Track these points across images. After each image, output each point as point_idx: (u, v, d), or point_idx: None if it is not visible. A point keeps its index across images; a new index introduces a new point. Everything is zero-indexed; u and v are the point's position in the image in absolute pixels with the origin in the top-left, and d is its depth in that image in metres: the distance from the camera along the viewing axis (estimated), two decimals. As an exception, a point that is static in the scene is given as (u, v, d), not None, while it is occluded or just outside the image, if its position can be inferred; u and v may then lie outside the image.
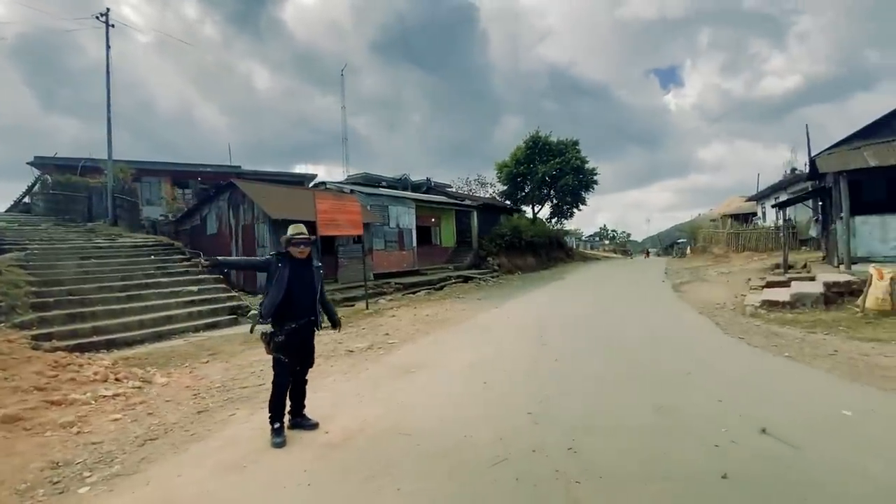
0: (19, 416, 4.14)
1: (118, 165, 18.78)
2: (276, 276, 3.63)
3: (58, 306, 7.63)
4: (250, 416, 4.32)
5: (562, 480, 2.85)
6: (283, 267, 3.68)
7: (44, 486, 3.08)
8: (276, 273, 3.65)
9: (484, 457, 3.22)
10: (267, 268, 3.76)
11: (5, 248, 10.23)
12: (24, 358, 5.48)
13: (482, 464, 3.12)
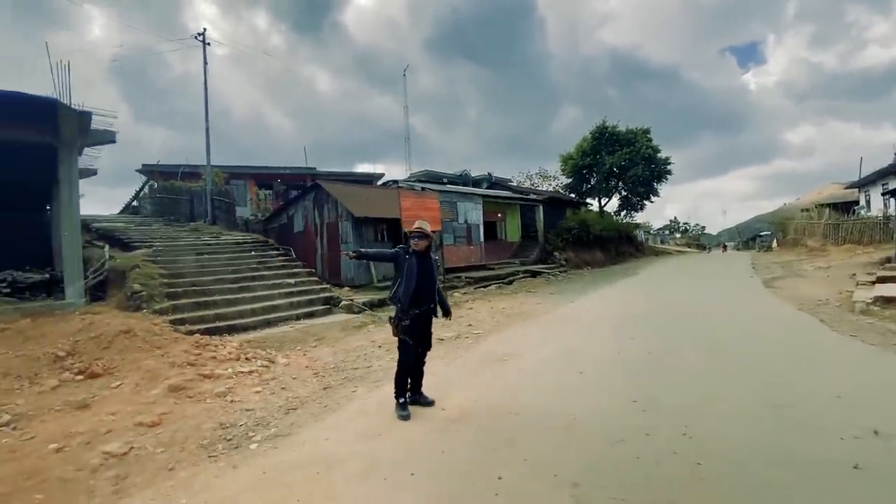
0: (182, 386, 4.94)
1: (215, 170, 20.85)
2: (405, 267, 4.03)
3: (185, 295, 8.77)
4: (369, 393, 4.81)
5: (683, 460, 2.98)
6: (409, 259, 4.08)
7: (220, 443, 3.70)
8: (405, 264, 4.05)
9: (600, 437, 3.41)
10: (395, 259, 4.19)
11: (133, 245, 11.84)
12: (172, 339, 6.44)
13: (600, 442, 3.32)
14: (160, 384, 4.92)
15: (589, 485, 2.74)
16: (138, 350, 5.81)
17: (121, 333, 6.06)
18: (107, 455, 3.41)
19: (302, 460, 3.30)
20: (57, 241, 10.69)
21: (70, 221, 8.65)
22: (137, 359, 5.58)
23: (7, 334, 6.42)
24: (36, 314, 7.35)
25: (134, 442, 3.63)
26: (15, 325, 6.78)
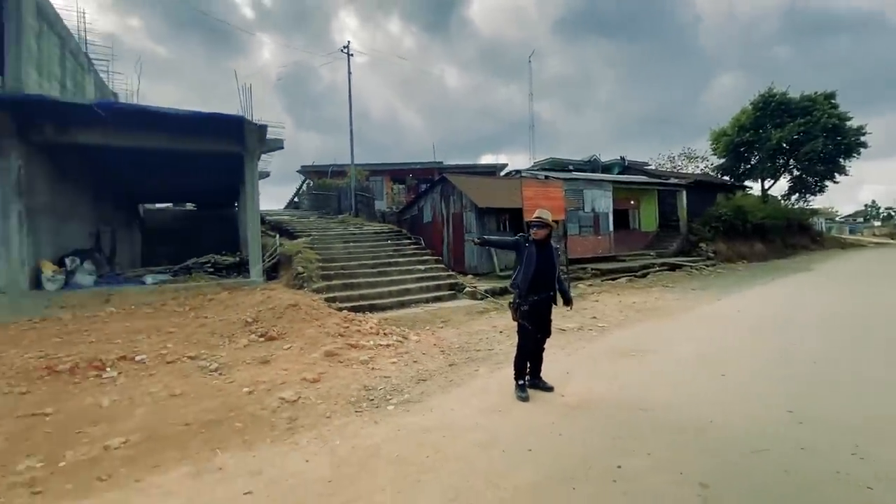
0: (335, 352, 5.82)
1: (357, 169, 23.42)
2: (525, 255, 4.16)
3: (336, 277, 10.16)
4: (490, 373, 5.06)
5: (848, 482, 2.57)
6: (529, 247, 4.20)
7: (364, 402, 4.32)
8: (525, 252, 4.17)
9: (739, 443, 3.11)
10: (515, 247, 4.34)
11: (296, 234, 14.04)
12: (327, 313, 7.57)
13: (738, 449, 3.03)
14: (319, 349, 5.88)
15: (720, 487, 2.55)
16: (302, 321, 6.99)
17: (290, 306, 7.36)
18: (282, 400, 4.27)
19: (431, 424, 3.69)
20: (243, 232, 13.23)
21: (252, 215, 10.67)
22: (302, 328, 6.73)
23: (213, 303, 8.29)
24: (231, 288, 9.31)
25: (301, 392, 4.46)
26: (218, 296, 8.71)
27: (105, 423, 3.80)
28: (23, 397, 4.38)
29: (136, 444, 3.44)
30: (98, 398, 4.33)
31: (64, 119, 8.68)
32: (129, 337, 6.41)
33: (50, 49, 10.05)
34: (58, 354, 5.45)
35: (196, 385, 4.72)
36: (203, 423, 3.81)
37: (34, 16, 9.11)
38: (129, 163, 11.69)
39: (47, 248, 9.43)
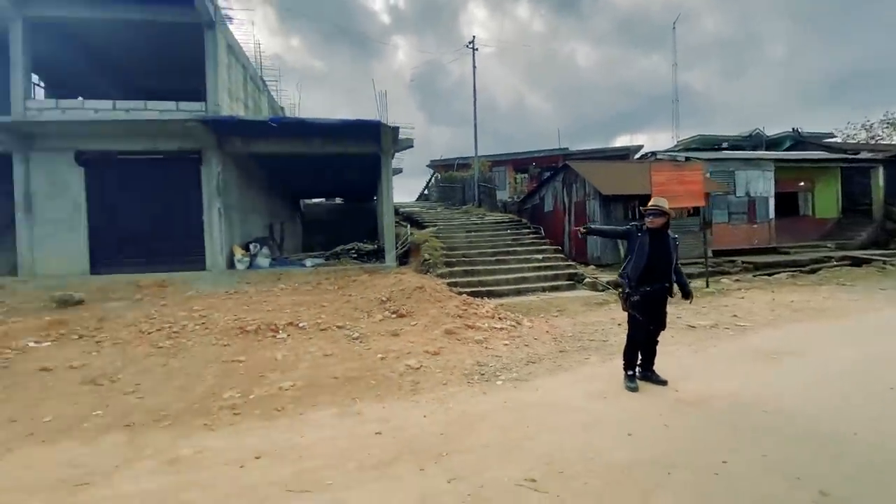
0: (453, 331, 6.38)
1: (480, 160, 24.10)
2: (637, 244, 4.09)
3: (458, 264, 10.86)
4: (602, 363, 5.06)
5: None
6: (641, 236, 4.11)
7: (476, 375, 4.75)
8: (636, 241, 4.10)
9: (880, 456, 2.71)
10: (627, 236, 4.28)
11: (425, 224, 15.20)
12: (448, 296, 8.23)
13: (879, 461, 2.65)
14: (440, 327, 6.51)
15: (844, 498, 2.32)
16: (427, 301, 7.75)
17: (417, 289, 8.20)
18: (408, 366, 4.94)
19: (535, 401, 3.94)
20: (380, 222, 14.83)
21: (387, 208, 11.95)
22: (426, 308, 7.48)
23: (356, 283, 9.62)
24: (370, 271, 10.64)
25: (423, 362, 5.09)
26: (359, 277, 10.06)
27: (279, 371, 4.90)
28: (225, 348, 5.83)
29: (300, 388, 4.41)
30: (274, 353, 5.55)
31: (247, 133, 10.88)
32: (293, 308, 7.90)
33: (236, 77, 12.58)
34: (246, 318, 7.04)
35: (342, 349, 5.71)
36: (347, 378, 4.66)
37: (225, 52, 11.52)
38: (292, 166, 14.00)
39: (237, 236, 11.95)
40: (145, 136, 10.46)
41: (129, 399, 4.23)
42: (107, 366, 5.14)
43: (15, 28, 10.33)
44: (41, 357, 5.46)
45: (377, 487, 2.64)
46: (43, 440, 3.47)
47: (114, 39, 11.82)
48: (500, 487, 2.56)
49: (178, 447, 3.25)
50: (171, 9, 10.40)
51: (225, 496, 2.60)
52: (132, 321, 6.98)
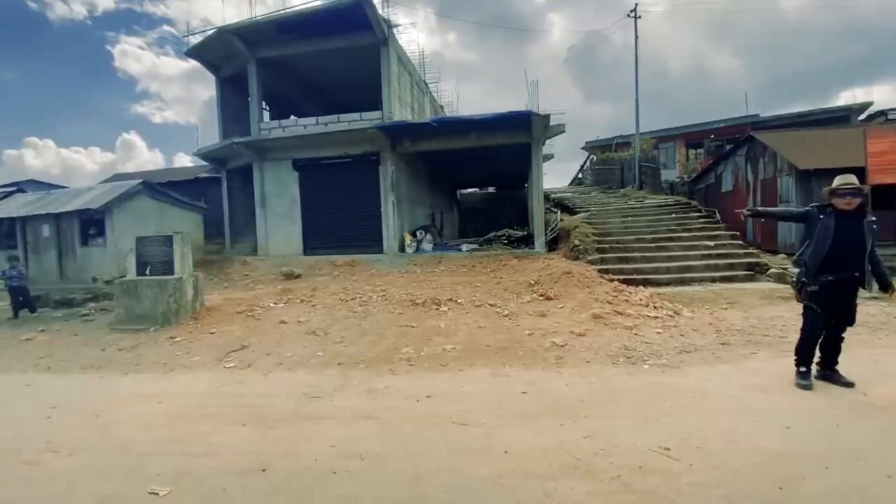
0: (601, 315, 6.46)
1: (643, 138, 22.22)
2: (818, 228, 3.64)
3: (610, 251, 10.56)
4: (772, 358, 4.61)
5: None
6: (825, 219, 3.63)
7: (622, 357, 4.84)
8: (818, 225, 3.65)
9: None
10: (805, 219, 3.84)
11: (576, 210, 14.96)
12: (598, 282, 8.21)
13: None
14: (587, 311, 6.66)
15: None
16: (574, 286, 7.91)
17: (564, 273, 8.40)
18: (552, 343, 5.30)
19: (681, 386, 3.92)
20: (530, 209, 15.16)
21: (536, 195, 12.24)
22: (574, 292, 7.65)
23: (506, 267, 10.24)
24: (520, 257, 11.15)
25: (568, 341, 5.39)
26: (510, 262, 10.66)
27: (442, 336, 5.80)
28: (399, 316, 7.04)
29: (459, 350, 5.19)
30: (437, 322, 6.52)
31: (414, 134, 12.38)
32: (452, 287, 8.92)
33: (404, 84, 14.29)
34: (415, 293, 8.28)
35: (493, 323, 6.37)
36: (497, 347, 5.27)
37: (396, 63, 13.21)
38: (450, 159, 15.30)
39: (406, 224, 13.74)
40: (338, 143, 12.81)
41: (337, 347, 5.61)
42: (321, 322, 6.80)
43: (251, 67, 13.70)
44: (279, 314, 7.47)
45: (521, 430, 3.15)
46: (288, 368, 4.95)
47: (314, 66, 14.66)
48: (632, 448, 2.80)
49: (373, 382, 4.31)
50: (354, 34, 12.43)
51: (406, 417, 3.44)
52: (334, 291, 8.87)
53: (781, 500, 2.25)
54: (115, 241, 12.02)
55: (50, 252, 12.64)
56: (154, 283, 7.18)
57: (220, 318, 7.29)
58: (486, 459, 2.77)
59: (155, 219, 13.02)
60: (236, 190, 15.38)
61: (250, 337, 6.23)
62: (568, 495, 2.36)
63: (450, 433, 3.17)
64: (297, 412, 3.67)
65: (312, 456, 2.89)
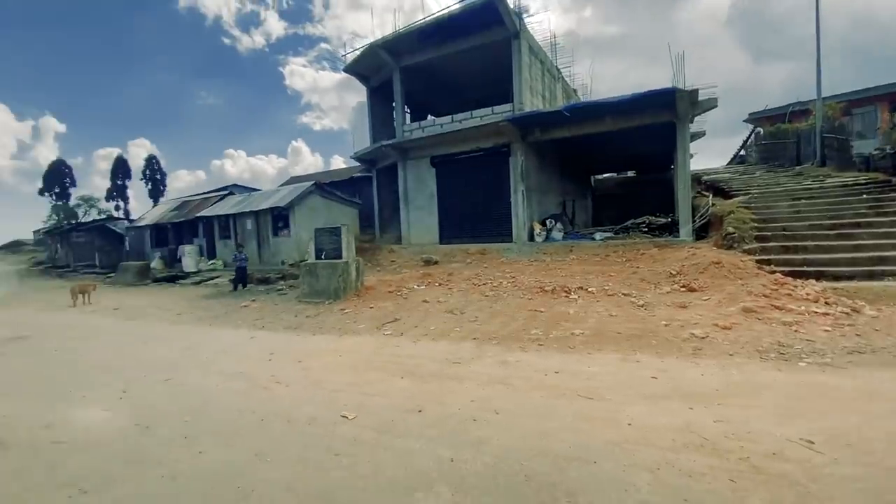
0: (753, 309, 5.89)
1: (827, 104, 18.34)
2: None
3: (773, 239, 9.23)
4: None
5: None
6: None
7: (773, 353, 4.47)
8: None
9: None
10: None
11: (732, 193, 13.25)
12: (753, 274, 7.39)
13: None
14: (736, 304, 6.13)
15: None
16: (723, 278, 7.26)
17: (712, 264, 7.74)
18: (692, 335, 5.11)
19: (843, 386, 3.54)
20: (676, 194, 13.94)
21: (683, 178, 11.26)
22: (722, 284, 7.05)
23: (644, 257, 9.76)
24: (661, 245, 10.47)
25: (709, 333, 5.13)
26: (649, 251, 10.11)
27: (571, 322, 6.01)
28: (529, 301, 7.41)
29: (588, 336, 5.37)
30: (566, 308, 6.72)
31: (544, 123, 12.43)
32: (583, 275, 8.93)
33: (535, 73, 14.34)
34: (544, 281, 8.53)
35: (626, 312, 6.32)
36: (629, 335, 5.30)
37: (527, 54, 13.34)
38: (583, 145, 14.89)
39: (535, 213, 13.90)
40: (471, 138, 13.56)
41: (472, 325, 6.26)
42: (456, 303, 7.56)
43: (395, 76, 15.23)
44: (421, 295, 8.48)
45: (647, 408, 3.29)
46: (432, 338, 5.75)
47: (449, 66, 15.62)
48: (768, 437, 2.76)
49: (504, 356, 4.81)
50: (486, 31, 12.95)
51: (535, 386, 3.85)
52: (468, 277, 9.64)
53: (949, 505, 2.07)
54: (296, 231, 14.76)
55: (252, 241, 16.10)
56: (328, 265, 8.81)
57: (375, 296, 8.60)
58: (609, 428, 3.03)
59: (323, 213, 15.56)
60: (384, 187, 17.36)
61: (400, 312, 7.29)
62: (689, 465, 2.51)
63: (575, 404, 3.48)
64: (441, 372, 4.36)
65: (456, 406, 3.50)
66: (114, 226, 23.66)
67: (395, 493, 2.40)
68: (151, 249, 20.29)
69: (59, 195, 42.94)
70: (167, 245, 19.45)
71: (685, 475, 2.43)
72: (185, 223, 18.92)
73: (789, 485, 2.29)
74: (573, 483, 2.40)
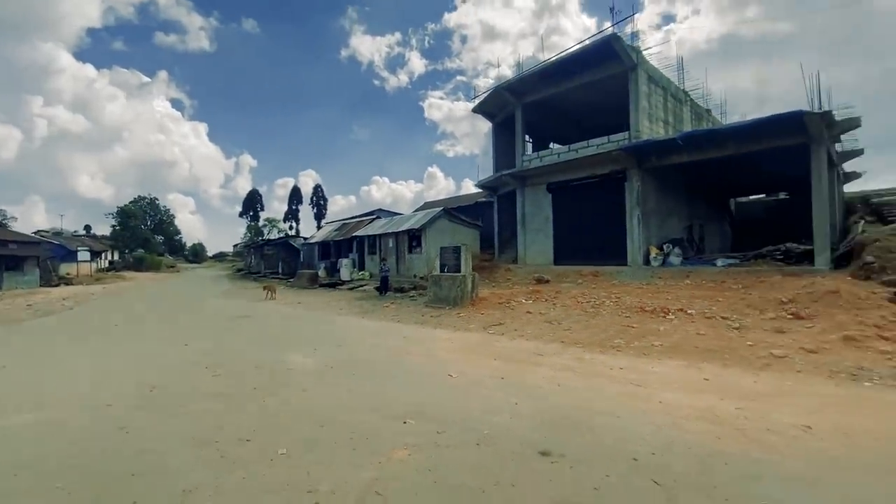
0: (854, 337, 5.85)
1: None
2: None
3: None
4: None
5: None
6: None
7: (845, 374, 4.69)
8: None
9: None
10: None
11: (889, 219, 11.60)
12: (874, 305, 6.99)
13: None
14: (839, 332, 6.09)
15: None
16: (838, 307, 7.02)
17: (828, 293, 7.45)
18: (771, 354, 5.47)
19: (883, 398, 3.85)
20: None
21: (818, 203, 10.48)
22: (834, 313, 6.86)
23: (762, 284, 9.48)
24: (786, 273, 9.95)
25: (789, 354, 5.42)
26: (770, 279, 9.74)
27: (656, 337, 6.68)
28: (626, 318, 8.10)
29: (666, 348, 6.07)
30: (658, 326, 7.32)
31: (661, 150, 12.69)
32: (689, 299, 9.15)
33: (655, 100, 14.57)
34: (647, 302, 9.04)
35: (716, 333, 6.72)
36: (705, 349, 5.86)
37: (645, 83, 13.76)
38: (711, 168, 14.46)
39: (653, 237, 13.96)
40: (587, 166, 14.40)
41: (565, 332, 7.33)
42: (556, 316, 8.64)
43: (517, 112, 16.86)
44: (527, 307, 9.71)
45: (681, 396, 4.13)
46: (526, 339, 7.01)
47: (568, 99, 16.70)
48: (774, 422, 3.45)
49: (582, 355, 5.87)
50: (603, 66, 13.82)
51: (597, 374, 4.90)
52: (574, 295, 10.55)
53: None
54: (427, 249, 17.23)
55: (392, 256, 19.12)
56: (449, 277, 10.67)
57: (487, 306, 10.13)
58: (642, 402, 4.01)
59: (449, 234, 17.81)
60: (504, 211, 18.99)
61: (505, 319, 8.68)
62: (690, 427, 3.43)
63: (624, 387, 4.47)
64: (526, 359, 5.65)
65: (530, 379, 4.79)
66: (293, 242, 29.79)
67: (475, 413, 3.83)
68: (318, 261, 25.15)
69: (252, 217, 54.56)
70: (329, 258, 23.97)
71: (683, 431, 3.36)
72: (343, 241, 23.15)
73: (763, 443, 3.09)
74: (596, 425, 3.53)
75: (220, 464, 2.91)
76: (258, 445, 3.19)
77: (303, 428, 3.50)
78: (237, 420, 3.71)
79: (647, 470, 2.73)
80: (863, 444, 3.03)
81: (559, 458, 2.92)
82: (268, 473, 2.76)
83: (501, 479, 2.65)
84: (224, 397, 4.36)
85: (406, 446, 3.12)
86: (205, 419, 3.74)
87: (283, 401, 4.21)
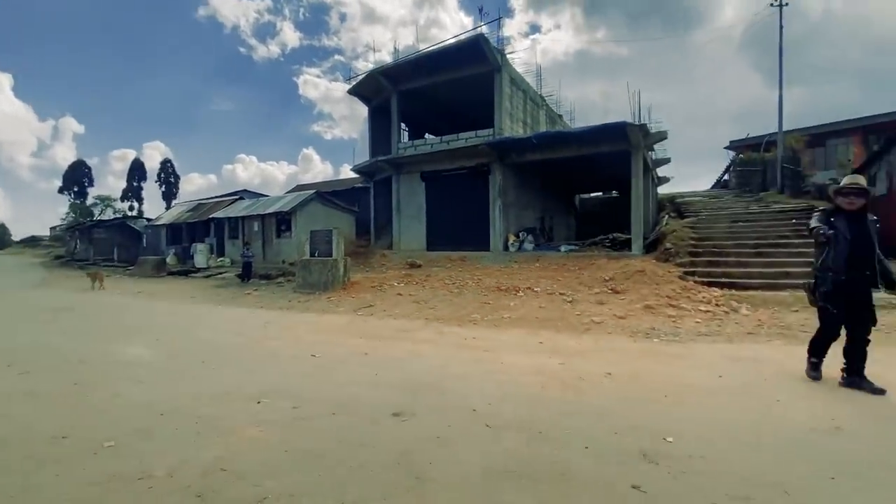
0: (652, 306, 7.39)
1: (791, 136, 19.96)
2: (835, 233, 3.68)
3: (703, 255, 10.71)
4: (783, 346, 5.26)
5: None
6: (834, 221, 3.73)
7: (641, 333, 5.94)
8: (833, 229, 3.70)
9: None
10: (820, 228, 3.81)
11: (686, 214, 14.77)
12: (668, 281, 8.88)
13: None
14: (641, 302, 7.62)
15: None
16: (643, 283, 8.75)
17: (637, 272, 9.24)
18: (591, 321, 6.61)
19: (676, 353, 5.02)
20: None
21: (635, 200, 12.80)
22: (640, 288, 8.54)
23: (592, 266, 11.26)
24: (612, 258, 11.98)
25: (605, 320, 6.63)
26: (598, 262, 11.62)
27: (506, 311, 7.52)
28: (484, 296, 8.91)
29: (513, 319, 6.88)
30: (510, 302, 8.23)
31: (519, 148, 14.06)
32: (537, 279, 10.43)
33: (516, 102, 16.03)
34: (502, 282, 10.05)
35: (554, 306, 7.82)
36: (544, 319, 6.81)
37: (508, 85, 15.05)
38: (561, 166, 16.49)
39: (512, 226, 15.45)
40: (457, 157, 15.21)
41: (430, 311, 7.78)
42: (424, 297, 9.09)
43: (393, 99, 16.97)
44: (397, 290, 10.00)
45: (519, 357, 4.80)
46: (394, 318, 7.28)
47: (442, 92, 17.35)
48: (585, 372, 4.25)
49: (442, 328, 6.34)
50: (472, 65, 14.68)
51: (452, 344, 5.37)
52: (441, 278, 11.17)
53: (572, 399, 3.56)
54: (297, 234, 16.40)
55: (258, 241, 17.75)
56: (319, 262, 10.39)
57: (359, 289, 10.16)
58: (488, 364, 4.54)
59: (322, 219, 17.21)
60: (380, 197, 19.01)
61: (376, 301, 8.84)
62: (523, 380, 4.01)
63: (475, 353, 4.99)
64: (391, 336, 5.90)
65: (392, 353, 5.03)
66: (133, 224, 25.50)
67: (339, 385, 3.92)
68: (167, 247, 22.04)
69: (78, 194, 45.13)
70: (181, 243, 21.19)
71: (517, 385, 3.92)
72: (199, 223, 20.67)
73: (576, 388, 3.78)
74: (448, 385, 3.90)
75: (25, 465, 2.51)
76: (77, 441, 2.82)
77: (136, 419, 3.19)
78: (51, 418, 3.21)
79: (484, 417, 3.16)
80: (646, 383, 3.92)
81: (410, 416, 3.19)
82: (89, 467, 2.48)
83: (352, 439, 2.80)
84: (33, 396, 3.70)
85: (258, 423, 3.08)
86: (2, 424, 3.14)
87: (112, 394, 3.74)
